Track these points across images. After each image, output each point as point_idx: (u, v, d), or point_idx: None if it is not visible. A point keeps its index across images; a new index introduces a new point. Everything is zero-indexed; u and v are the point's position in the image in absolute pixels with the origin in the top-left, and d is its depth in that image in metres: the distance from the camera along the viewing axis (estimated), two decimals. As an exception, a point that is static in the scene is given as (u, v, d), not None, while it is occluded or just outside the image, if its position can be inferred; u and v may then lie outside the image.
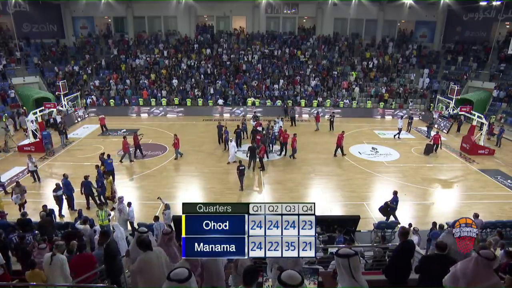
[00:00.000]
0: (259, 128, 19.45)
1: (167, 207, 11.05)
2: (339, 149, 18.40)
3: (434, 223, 10.23)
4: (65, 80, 24.73)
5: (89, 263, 6.40)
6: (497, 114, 25.10)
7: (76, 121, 24.92)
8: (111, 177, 13.07)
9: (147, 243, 4.71)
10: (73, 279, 6.04)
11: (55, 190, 12.04)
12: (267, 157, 17.84)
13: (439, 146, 19.08)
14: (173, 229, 6.99)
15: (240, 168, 14.16)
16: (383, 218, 11.99)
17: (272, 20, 34.68)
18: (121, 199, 11.11)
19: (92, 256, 6.61)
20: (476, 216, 10.43)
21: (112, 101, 27.27)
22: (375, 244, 9.66)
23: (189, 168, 16.66)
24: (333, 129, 22.94)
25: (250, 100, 27.61)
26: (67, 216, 12.31)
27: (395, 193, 11.87)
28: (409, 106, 27.85)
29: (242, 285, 3.22)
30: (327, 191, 14.53)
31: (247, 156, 16.35)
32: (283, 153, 18.43)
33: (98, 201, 12.60)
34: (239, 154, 18.19)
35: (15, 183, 12.42)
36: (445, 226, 9.59)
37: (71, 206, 12.57)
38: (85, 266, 6.29)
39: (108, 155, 14.85)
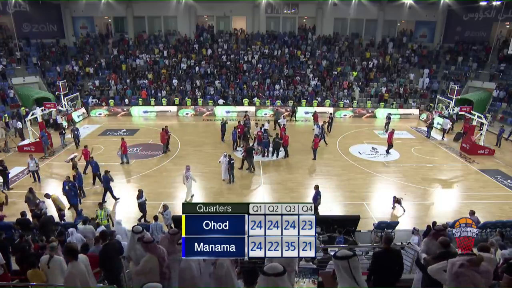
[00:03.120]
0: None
1: (165, 207, 11.06)
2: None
3: (434, 223, 10.21)
4: (65, 80, 24.71)
5: (93, 262, 6.30)
6: (491, 113, 25.15)
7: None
8: (55, 194, 12.08)
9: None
10: None
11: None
12: (267, 156, 17.92)
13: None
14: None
15: (231, 162, 14.86)
16: (383, 218, 12.01)
17: (272, 20, 34.66)
18: (187, 167, 13.36)
19: (97, 257, 6.39)
20: (472, 213, 10.47)
21: (111, 101, 27.22)
22: (375, 244, 9.66)
23: (189, 168, 16.66)
24: (330, 130, 22.69)
25: (246, 101, 27.52)
26: (68, 216, 12.31)
27: (316, 187, 12.02)
28: (411, 106, 27.84)
29: (244, 286, 3.23)
30: (327, 191, 14.47)
31: (244, 158, 16.29)
32: (282, 154, 18.27)
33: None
34: (238, 153, 18.19)
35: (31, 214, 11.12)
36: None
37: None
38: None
39: (91, 157, 14.81)
